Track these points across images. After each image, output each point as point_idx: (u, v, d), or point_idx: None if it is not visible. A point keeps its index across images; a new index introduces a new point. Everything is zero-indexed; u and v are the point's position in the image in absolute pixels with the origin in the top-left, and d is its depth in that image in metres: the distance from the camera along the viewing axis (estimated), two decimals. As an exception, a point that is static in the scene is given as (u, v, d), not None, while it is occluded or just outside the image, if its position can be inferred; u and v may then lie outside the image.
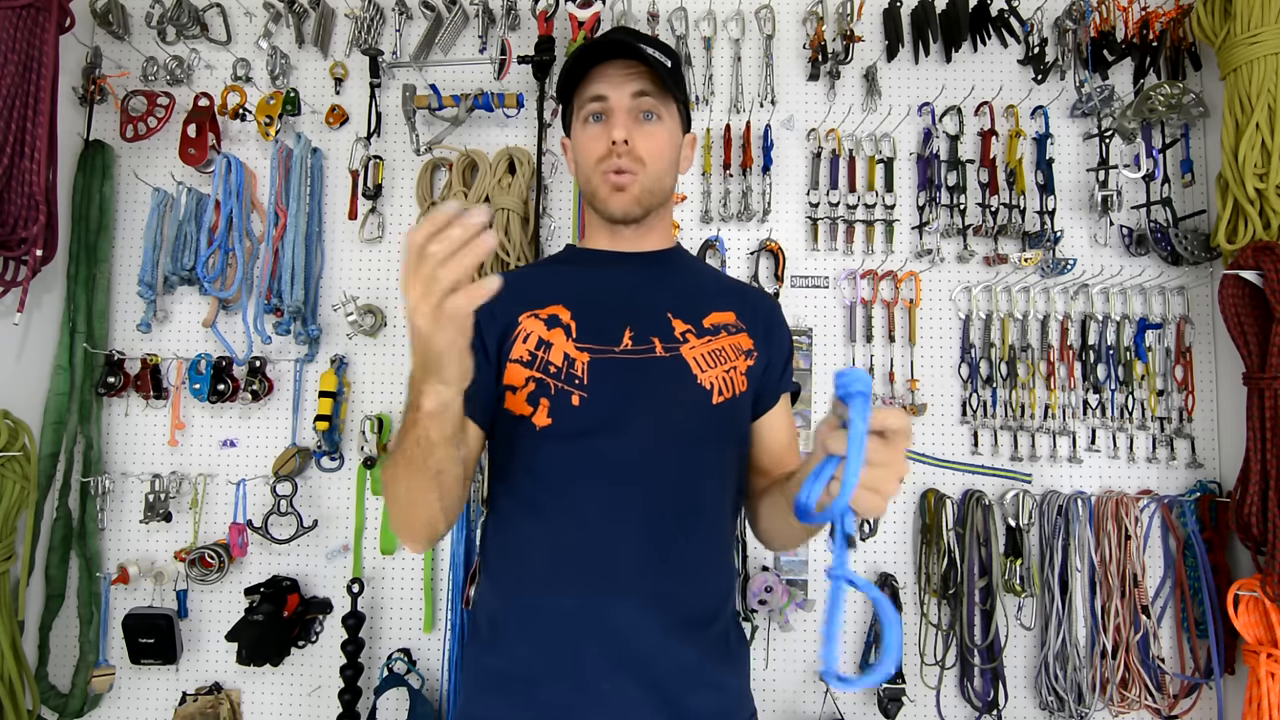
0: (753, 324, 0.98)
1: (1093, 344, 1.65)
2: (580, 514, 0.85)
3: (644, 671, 0.83)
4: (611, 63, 0.92)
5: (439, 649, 1.64)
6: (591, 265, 1.00)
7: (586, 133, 0.94)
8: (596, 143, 0.92)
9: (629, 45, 0.90)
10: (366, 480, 1.67)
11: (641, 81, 0.91)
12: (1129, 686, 1.55)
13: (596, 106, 0.92)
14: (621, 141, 0.89)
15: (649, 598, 0.83)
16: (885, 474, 0.60)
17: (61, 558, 1.62)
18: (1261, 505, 1.42)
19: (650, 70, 0.91)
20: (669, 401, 0.88)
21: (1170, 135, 1.69)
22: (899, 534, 1.66)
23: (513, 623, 0.87)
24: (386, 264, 1.74)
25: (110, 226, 1.71)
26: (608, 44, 0.91)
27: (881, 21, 1.74)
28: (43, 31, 1.51)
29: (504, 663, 0.86)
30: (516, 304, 0.92)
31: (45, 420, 1.61)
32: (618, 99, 0.91)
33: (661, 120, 0.94)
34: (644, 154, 0.91)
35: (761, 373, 0.96)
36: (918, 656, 1.61)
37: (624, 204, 0.93)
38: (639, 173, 0.92)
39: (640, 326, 0.91)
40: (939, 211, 1.69)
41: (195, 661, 1.66)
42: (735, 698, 0.92)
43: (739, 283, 1.08)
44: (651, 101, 0.92)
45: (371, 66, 1.71)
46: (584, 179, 0.97)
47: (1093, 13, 1.71)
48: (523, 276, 1.04)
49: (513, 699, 0.85)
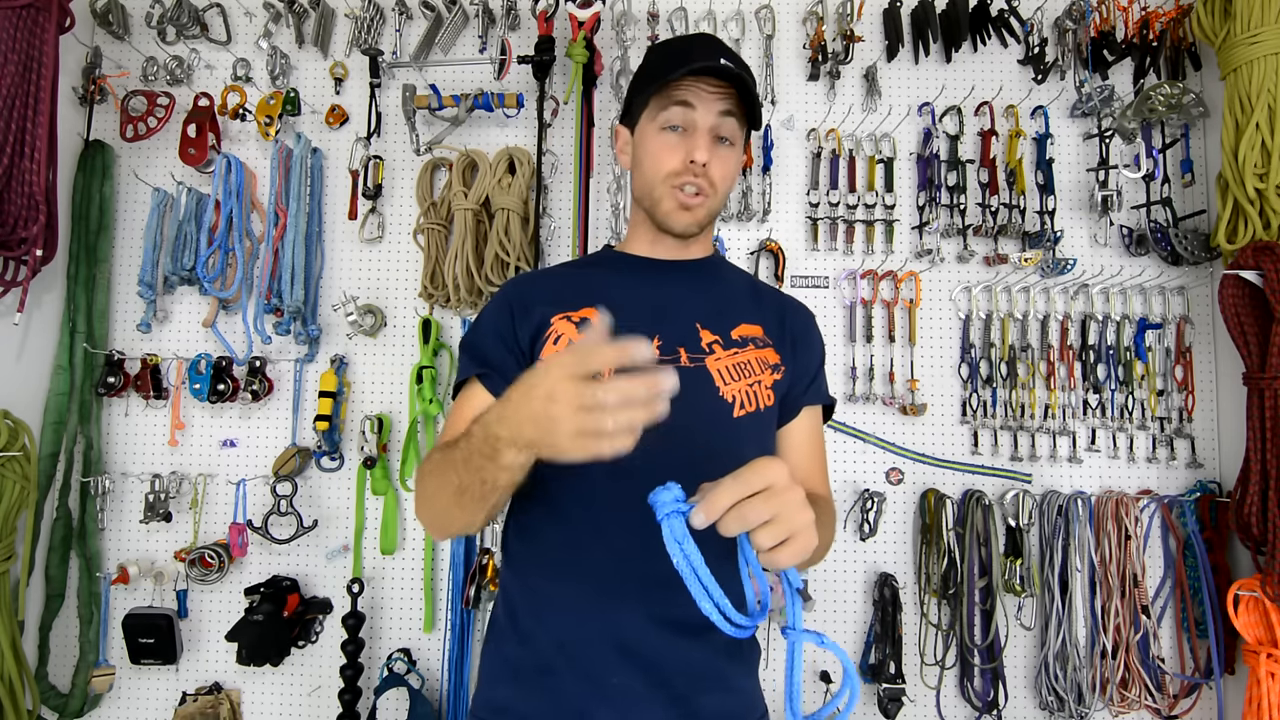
0: (780, 338, 0.98)
1: (1093, 344, 1.65)
2: (595, 516, 0.86)
3: (653, 670, 0.84)
4: (706, 78, 0.90)
5: (439, 649, 1.64)
6: (627, 270, 1.01)
7: (662, 139, 0.92)
8: (673, 154, 0.91)
9: (726, 70, 0.88)
10: (366, 480, 1.67)
11: (729, 103, 0.91)
12: (1129, 686, 1.55)
13: (680, 117, 0.91)
14: (701, 164, 0.90)
15: (659, 602, 0.84)
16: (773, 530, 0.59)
17: (61, 558, 1.62)
18: (1261, 505, 1.42)
19: (736, 94, 0.90)
20: (690, 412, 0.87)
21: (1170, 135, 1.69)
22: (899, 534, 1.66)
23: (530, 615, 0.89)
24: (386, 264, 1.74)
25: (110, 226, 1.71)
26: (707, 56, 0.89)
27: (881, 21, 1.74)
28: (43, 31, 1.51)
29: (520, 653, 0.88)
30: (550, 304, 0.93)
31: (45, 420, 1.61)
32: (704, 117, 0.90)
33: (734, 146, 0.94)
34: (717, 178, 0.92)
35: (788, 387, 0.96)
36: (918, 656, 1.61)
37: (686, 223, 0.94)
38: (710, 196, 0.93)
39: (668, 335, 0.92)
40: (939, 211, 1.69)
41: (195, 661, 1.66)
42: (746, 699, 0.92)
43: (776, 293, 1.07)
44: (732, 127, 0.92)
45: (371, 66, 1.71)
46: (647, 185, 0.95)
47: (1093, 13, 1.71)
48: (558, 276, 1.04)
49: (525, 687, 0.86)
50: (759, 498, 0.59)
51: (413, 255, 1.74)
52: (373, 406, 1.70)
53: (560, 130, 1.75)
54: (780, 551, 0.60)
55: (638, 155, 0.96)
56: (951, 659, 1.60)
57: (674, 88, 0.90)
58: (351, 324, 1.66)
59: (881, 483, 1.67)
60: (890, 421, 1.68)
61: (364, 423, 1.65)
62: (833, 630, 1.64)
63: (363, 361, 1.71)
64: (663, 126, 0.92)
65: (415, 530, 1.69)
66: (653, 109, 0.93)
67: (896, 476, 1.67)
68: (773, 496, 0.59)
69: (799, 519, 0.60)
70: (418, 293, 1.70)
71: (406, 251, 1.74)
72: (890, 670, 1.57)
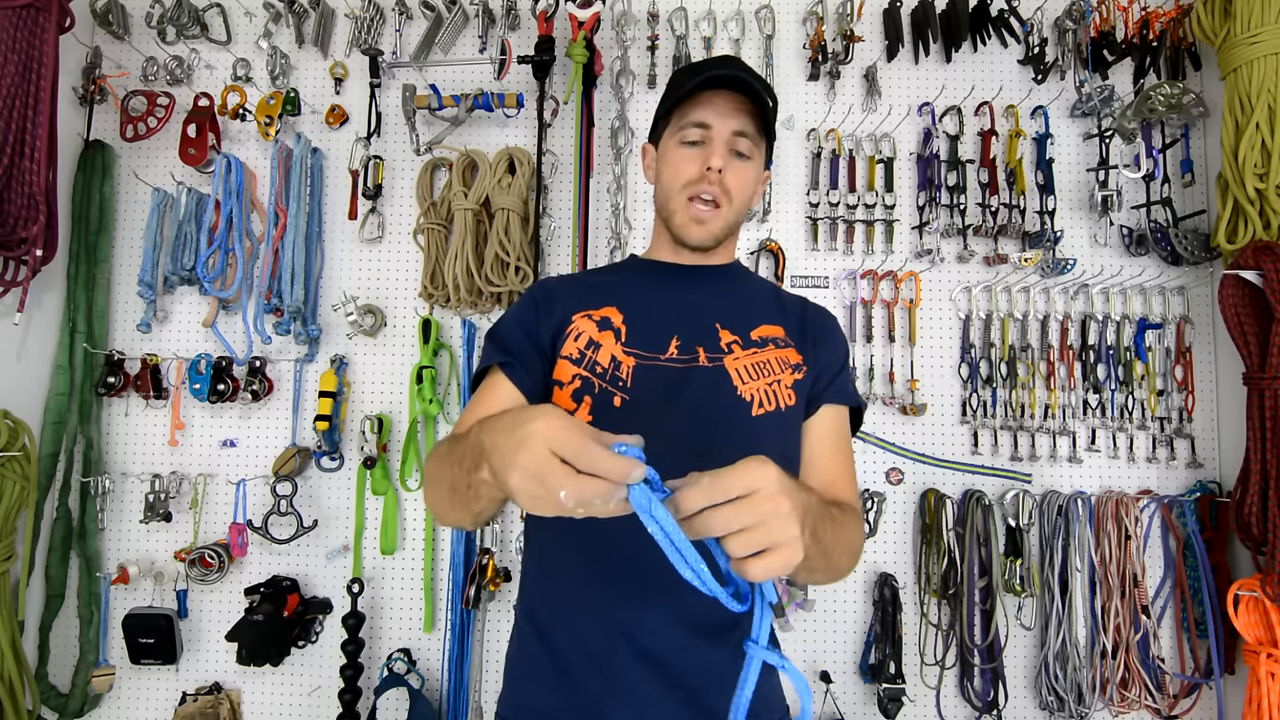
0: (801, 339, 0.98)
1: (1093, 344, 1.65)
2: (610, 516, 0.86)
3: (669, 670, 0.84)
4: (721, 93, 0.93)
5: (439, 649, 1.64)
6: (650, 274, 1.03)
7: (681, 153, 0.95)
8: (690, 165, 0.94)
9: (743, 81, 0.91)
10: (366, 480, 1.67)
11: (744, 119, 0.93)
12: (1129, 686, 1.55)
13: (697, 133, 0.94)
14: (716, 170, 0.92)
15: (676, 602, 0.84)
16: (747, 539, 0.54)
17: (61, 558, 1.62)
18: (1261, 505, 1.42)
19: (754, 109, 0.93)
20: (707, 410, 0.88)
21: (1170, 135, 1.69)
22: (899, 534, 1.66)
23: (549, 615, 0.90)
24: (386, 264, 1.74)
25: (110, 226, 1.71)
26: (723, 73, 0.92)
27: (881, 21, 1.74)
28: (43, 31, 1.51)
29: (540, 653, 0.89)
30: (574, 302, 0.95)
31: (45, 420, 1.61)
32: (720, 130, 0.93)
33: (752, 161, 0.96)
34: (732, 187, 0.94)
35: (810, 386, 0.96)
36: (918, 656, 1.61)
37: (700, 237, 0.96)
38: (724, 206, 0.95)
39: (687, 335, 0.93)
40: (939, 211, 1.69)
41: (195, 661, 1.66)
42: (764, 700, 0.92)
43: (797, 298, 1.07)
44: (748, 144, 0.94)
45: (371, 66, 1.71)
46: (665, 196, 0.98)
47: (1093, 13, 1.71)
48: (583, 279, 1.06)
49: (546, 686, 0.87)
50: (737, 504, 0.54)
51: (413, 255, 1.74)
52: (373, 406, 1.70)
53: (560, 130, 1.75)
54: (753, 564, 0.54)
55: (660, 169, 1.00)
56: (951, 659, 1.60)
57: (691, 106, 0.94)
58: (351, 324, 1.66)
59: (881, 483, 1.67)
60: (890, 421, 1.68)
61: (364, 423, 1.65)
62: (833, 630, 1.64)
63: (363, 361, 1.71)
64: (681, 142, 0.95)
65: (415, 530, 1.69)
66: (673, 126, 0.97)
67: (896, 476, 1.67)
68: (756, 503, 0.54)
69: (781, 531, 0.55)
70: (418, 293, 1.70)
71: (406, 251, 1.74)
72: (890, 670, 1.57)
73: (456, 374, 1.70)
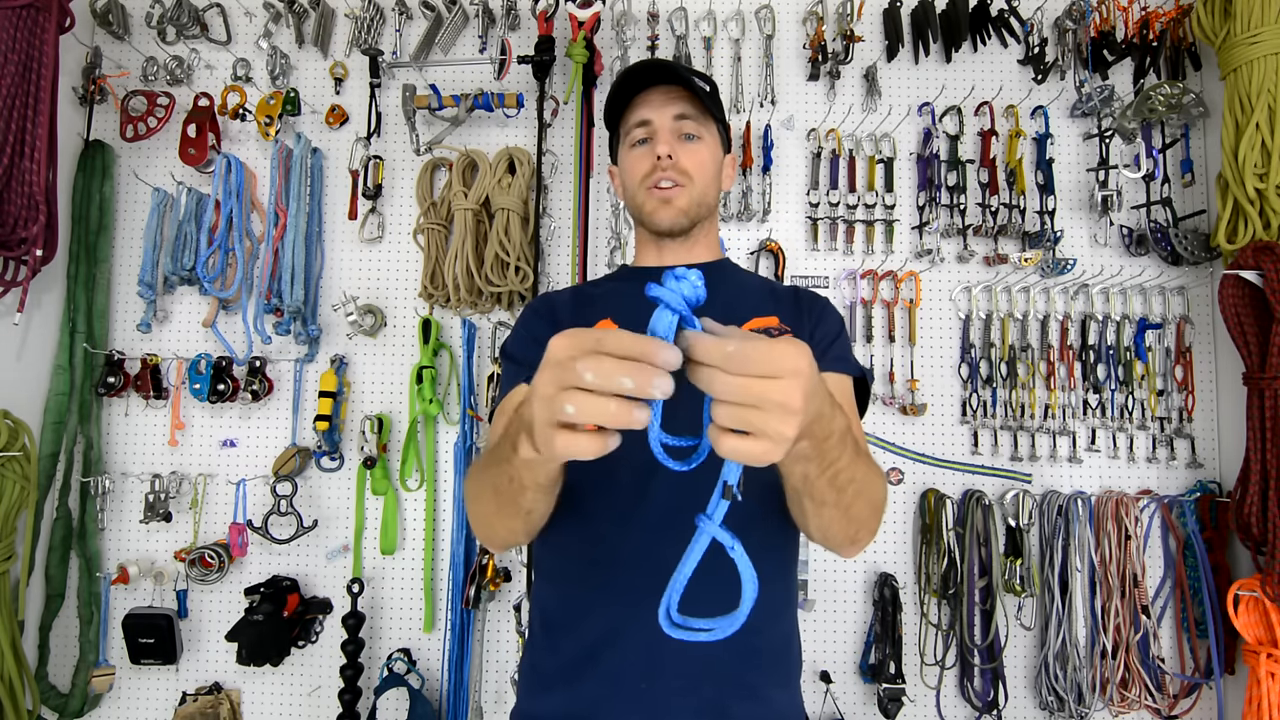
0: (797, 322, 0.98)
1: (1093, 344, 1.65)
2: (620, 518, 0.86)
3: (682, 675, 0.84)
4: (653, 90, 0.97)
5: (439, 649, 1.64)
6: (637, 279, 1.03)
7: (633, 155, 0.99)
8: (642, 162, 0.97)
9: (668, 69, 0.94)
10: (366, 480, 1.67)
11: (682, 104, 0.96)
12: (1129, 686, 1.55)
13: (641, 132, 0.97)
14: (666, 156, 0.94)
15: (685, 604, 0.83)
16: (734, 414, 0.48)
17: (61, 558, 1.62)
18: (1261, 505, 1.42)
19: (690, 93, 0.96)
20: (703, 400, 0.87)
21: (1170, 135, 1.69)
22: (899, 534, 1.66)
23: (561, 623, 0.89)
24: (386, 264, 1.74)
25: (110, 226, 1.71)
26: (647, 69, 0.96)
27: (881, 21, 1.74)
28: (43, 31, 1.51)
29: (553, 660, 0.89)
30: (572, 319, 0.97)
31: (45, 420, 1.61)
32: (661, 121, 0.96)
33: (703, 140, 0.98)
34: (689, 166, 0.96)
35: None
36: (918, 656, 1.61)
37: (671, 216, 0.97)
38: (685, 185, 0.96)
39: None
40: (939, 211, 1.69)
41: (195, 661, 1.66)
42: (780, 708, 0.91)
43: (789, 287, 1.08)
44: (693, 124, 0.97)
45: (371, 66, 1.71)
46: (631, 198, 1.01)
47: (1093, 13, 1.71)
48: (578, 291, 1.08)
49: (559, 694, 0.87)
50: (748, 379, 0.48)
51: (413, 255, 1.74)
52: (373, 406, 1.70)
53: (560, 130, 1.75)
54: (727, 438, 0.48)
55: (622, 179, 1.03)
56: (951, 659, 1.60)
57: (631, 112, 0.98)
58: (351, 324, 1.66)
59: (881, 483, 1.67)
60: (890, 421, 1.68)
61: (364, 423, 1.65)
62: (833, 630, 1.64)
63: (363, 361, 1.71)
64: (631, 146, 0.99)
65: (415, 530, 1.69)
66: (623, 138, 1.01)
67: (896, 476, 1.67)
68: (767, 387, 0.47)
69: (774, 424, 0.48)
70: (418, 293, 1.70)
71: (406, 251, 1.74)
72: (890, 670, 1.57)
73: (456, 374, 1.70)
